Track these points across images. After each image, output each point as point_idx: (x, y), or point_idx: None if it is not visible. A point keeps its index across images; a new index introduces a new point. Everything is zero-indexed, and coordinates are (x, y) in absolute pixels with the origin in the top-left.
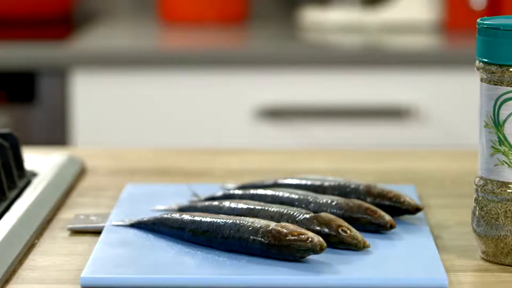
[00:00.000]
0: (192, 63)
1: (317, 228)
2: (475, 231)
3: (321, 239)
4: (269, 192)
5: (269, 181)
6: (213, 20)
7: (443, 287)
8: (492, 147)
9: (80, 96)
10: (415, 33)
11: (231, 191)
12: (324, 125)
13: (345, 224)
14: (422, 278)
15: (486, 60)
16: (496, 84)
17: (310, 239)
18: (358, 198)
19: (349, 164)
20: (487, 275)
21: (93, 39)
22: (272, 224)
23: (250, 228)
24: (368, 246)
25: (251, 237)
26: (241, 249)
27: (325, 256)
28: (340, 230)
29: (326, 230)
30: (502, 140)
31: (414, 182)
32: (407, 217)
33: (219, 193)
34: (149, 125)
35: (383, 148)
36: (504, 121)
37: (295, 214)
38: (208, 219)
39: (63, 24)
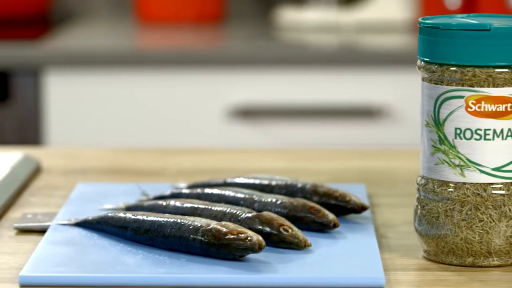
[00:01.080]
0: (167, 62)
1: (259, 227)
2: (417, 230)
3: (260, 238)
4: (215, 191)
5: (219, 180)
6: (190, 19)
7: (380, 286)
8: (433, 146)
9: (53, 95)
10: (391, 33)
11: (180, 190)
12: (299, 125)
13: (287, 223)
14: (359, 277)
15: (427, 59)
16: (436, 83)
17: (249, 238)
18: (305, 197)
19: (304, 163)
20: (426, 274)
21: (68, 39)
22: (213, 223)
23: (190, 227)
24: (309, 245)
25: (191, 236)
26: (181, 248)
27: (265, 255)
28: (281, 229)
29: (268, 229)
30: (442, 139)
31: (367, 181)
32: (353, 216)
33: (167, 192)
34: (122, 124)
35: (341, 147)
36: (444, 120)
37: (237, 213)
38: (150, 218)
39: (39, 24)
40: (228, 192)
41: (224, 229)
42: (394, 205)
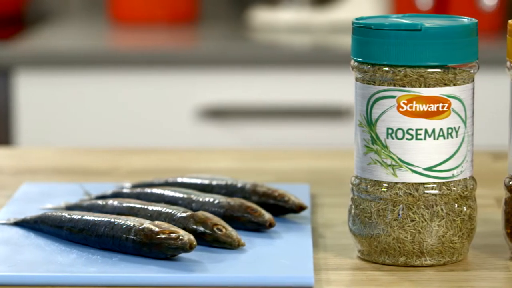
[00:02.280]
0: (139, 63)
1: (193, 226)
2: (350, 230)
3: (191, 237)
4: (155, 191)
5: (161, 180)
6: (163, 20)
7: (309, 285)
8: (365, 146)
9: (23, 96)
10: None
11: (122, 190)
12: (273, 125)
13: (221, 222)
14: (288, 276)
15: (360, 59)
16: (369, 83)
17: (180, 238)
18: (244, 197)
19: (254, 163)
20: (358, 274)
21: (40, 39)
22: (146, 223)
23: (123, 227)
24: (243, 245)
25: (124, 235)
26: (115, 248)
27: (198, 255)
28: (215, 229)
29: (202, 228)
30: (375, 139)
31: (314, 181)
32: (293, 216)
33: (109, 192)
34: (93, 124)
35: (293, 147)
36: (376, 120)
37: (172, 212)
38: (84, 218)
39: (13, 24)
40: (167, 192)
41: (156, 229)
42: (337, 205)
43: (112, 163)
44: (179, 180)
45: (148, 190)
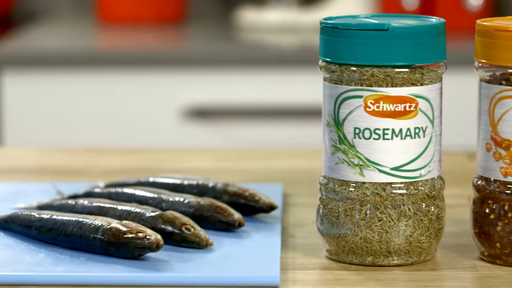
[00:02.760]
0: (126, 63)
1: (162, 226)
2: (318, 229)
3: (158, 237)
4: (126, 190)
5: (133, 179)
6: (150, 20)
7: (275, 285)
8: (333, 145)
9: (11, 96)
10: None
11: (94, 190)
12: (259, 125)
13: (190, 222)
14: (254, 276)
15: (327, 59)
16: (336, 83)
17: (147, 237)
18: (215, 196)
19: (230, 163)
20: (325, 273)
21: (27, 39)
22: (114, 222)
23: (91, 226)
24: (211, 244)
25: (92, 235)
26: (83, 247)
27: (166, 254)
28: (183, 228)
29: (170, 228)
30: (342, 139)
31: (289, 180)
32: (263, 216)
33: (81, 191)
34: (81, 124)
35: (270, 147)
36: (344, 119)
37: (141, 212)
38: (53, 217)
39: (0, 24)
40: (138, 192)
41: (124, 228)
42: (309, 204)
43: (89, 163)
44: (151, 179)
45: (119, 190)
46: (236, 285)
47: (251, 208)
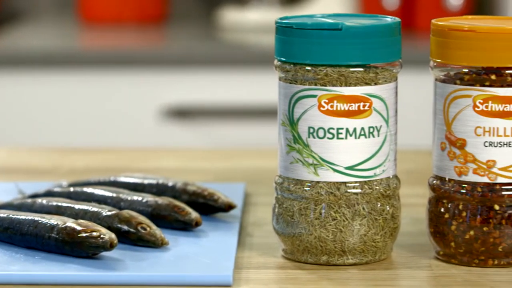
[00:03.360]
0: (108, 63)
1: (118, 225)
2: (274, 228)
3: (113, 236)
4: (86, 190)
5: (95, 179)
6: (133, 20)
7: (227, 283)
8: (288, 145)
9: None
10: None
11: (54, 189)
12: (241, 125)
13: (146, 221)
14: (207, 275)
15: (283, 59)
16: (291, 83)
17: (101, 236)
18: (174, 196)
19: (197, 163)
20: (278, 272)
21: (9, 39)
22: (69, 221)
23: (47, 225)
24: (166, 243)
25: (47, 234)
26: (38, 246)
27: (121, 253)
28: (139, 227)
29: (126, 227)
30: (297, 138)
31: (253, 180)
32: (223, 215)
33: (42, 190)
34: (63, 124)
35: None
36: (298, 119)
37: (98, 211)
38: (10, 216)
39: None
40: (97, 191)
41: (79, 227)
42: (271, 204)
43: (56, 162)
44: (112, 179)
45: (79, 189)
46: (189, 284)
47: (210, 207)
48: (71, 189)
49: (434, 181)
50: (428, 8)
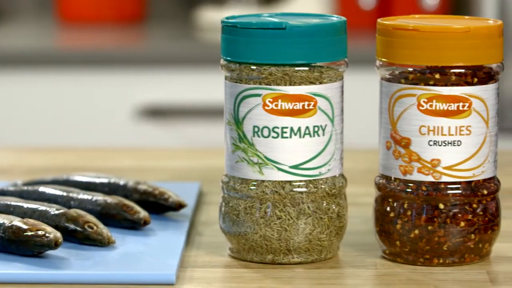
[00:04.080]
0: (87, 62)
1: (65, 224)
2: (221, 227)
3: (58, 234)
4: (38, 189)
5: (49, 178)
6: (112, 19)
7: (170, 282)
8: (233, 144)
9: None
10: None
11: (7, 188)
12: (219, 125)
13: (93, 220)
14: (150, 274)
15: (228, 58)
16: (236, 82)
17: (46, 235)
18: (125, 195)
19: (156, 162)
20: (223, 271)
21: None
22: (16, 220)
23: None
24: (113, 242)
25: None
26: None
27: (67, 252)
28: (86, 226)
29: (73, 226)
30: (242, 137)
31: (210, 179)
32: (174, 214)
33: None
34: (40, 123)
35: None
36: (243, 118)
37: (46, 210)
38: None
39: None
40: (49, 190)
41: (24, 226)
42: None
43: (14, 162)
44: (65, 177)
45: (31, 188)
46: (131, 282)
47: (161, 206)
48: (24, 188)
49: (380, 180)
50: (405, 7)
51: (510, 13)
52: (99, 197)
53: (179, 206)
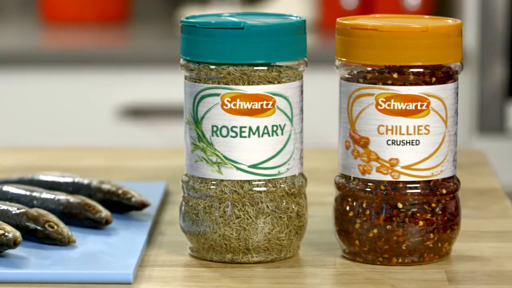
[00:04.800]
0: (70, 62)
1: (26, 223)
2: (181, 227)
3: (17, 234)
4: (2, 188)
5: (14, 177)
6: (95, 20)
7: (128, 281)
8: (193, 143)
9: None
10: None
11: None
12: None
13: (54, 219)
14: (108, 273)
15: (187, 58)
16: (195, 82)
17: (5, 234)
18: (89, 194)
19: (125, 161)
20: (182, 270)
21: None
22: None
23: None
24: (73, 241)
25: None
26: None
27: (27, 251)
28: (46, 226)
29: (33, 225)
30: (201, 137)
31: (179, 179)
32: (138, 213)
33: None
34: (22, 123)
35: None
36: (202, 117)
37: (8, 209)
38: None
39: None
40: (12, 189)
41: None
42: None
43: None
44: (30, 177)
45: None
46: (89, 282)
47: (124, 205)
48: None
49: (340, 180)
50: (387, 7)
51: (491, 12)
52: (61, 197)
53: (142, 205)
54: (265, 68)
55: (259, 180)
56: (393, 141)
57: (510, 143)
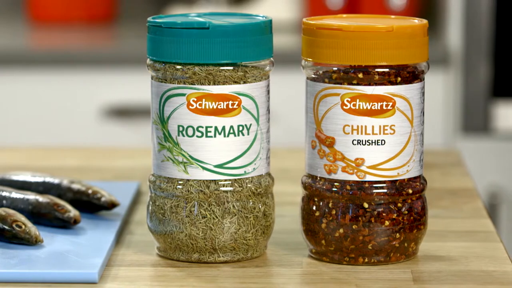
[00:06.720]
0: (56, 62)
1: None
2: (148, 226)
3: None
4: None
5: None
6: (82, 20)
7: (93, 280)
8: (159, 143)
9: None
10: (277, 33)
11: None
12: None
13: (22, 219)
14: (73, 273)
15: (154, 58)
16: (161, 81)
17: None
18: (59, 194)
19: (102, 161)
20: (149, 270)
21: None
22: None
23: None
24: (41, 241)
25: None
26: None
27: None
28: (14, 225)
29: (1, 224)
30: (167, 136)
31: None
32: (107, 213)
33: None
34: (8, 123)
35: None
36: (168, 117)
37: None
38: None
39: None
40: None
41: None
42: None
43: None
44: (1, 176)
45: None
46: (55, 281)
47: (94, 205)
48: None
49: (306, 179)
50: (372, 8)
51: (476, 12)
52: (31, 196)
53: (111, 205)
54: (231, 68)
55: (225, 180)
56: (359, 141)
57: (495, 143)
